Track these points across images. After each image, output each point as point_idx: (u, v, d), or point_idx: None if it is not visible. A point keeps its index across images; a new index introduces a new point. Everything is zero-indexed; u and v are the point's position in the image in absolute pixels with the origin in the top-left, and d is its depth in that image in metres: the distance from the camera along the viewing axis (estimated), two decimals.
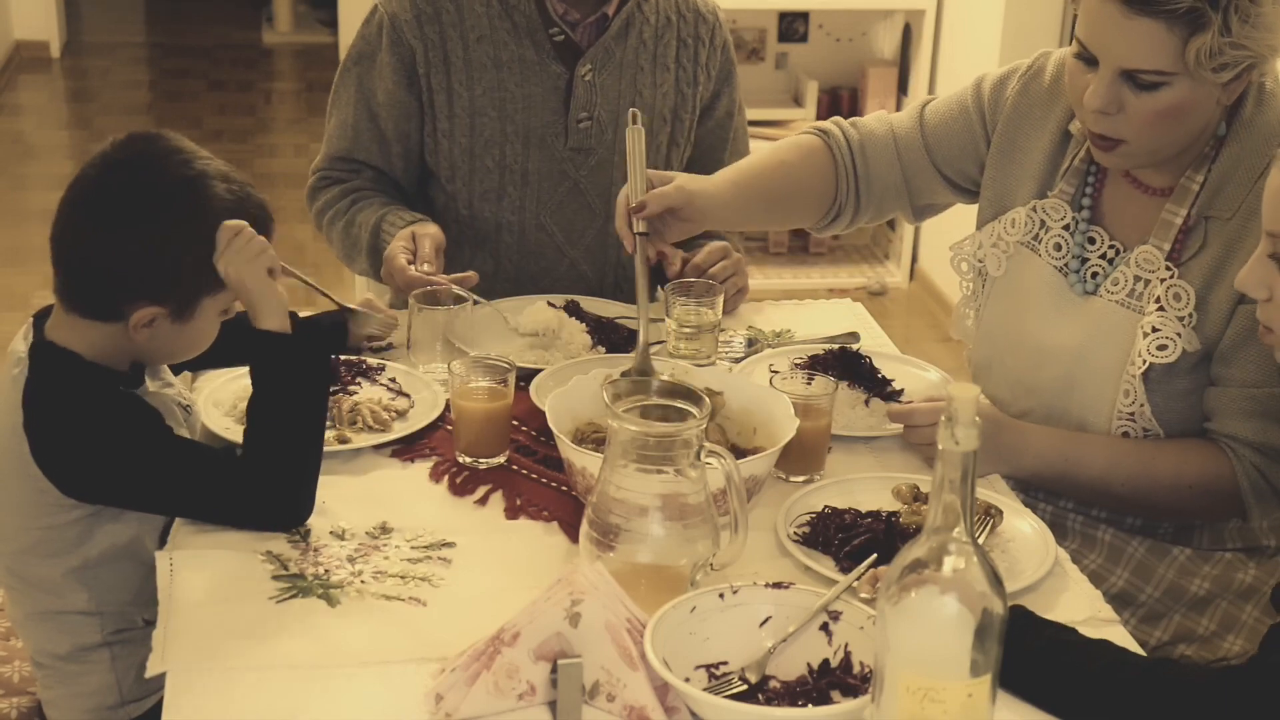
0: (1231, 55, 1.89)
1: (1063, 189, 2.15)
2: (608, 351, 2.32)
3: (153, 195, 1.85)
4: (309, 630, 1.70)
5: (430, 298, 2.28)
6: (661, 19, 2.59)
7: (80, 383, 1.87)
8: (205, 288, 1.88)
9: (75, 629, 1.95)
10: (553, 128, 2.55)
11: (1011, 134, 2.22)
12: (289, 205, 5.53)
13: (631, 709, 1.54)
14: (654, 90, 2.59)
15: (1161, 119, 1.95)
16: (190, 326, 1.90)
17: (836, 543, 1.85)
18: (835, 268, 5.40)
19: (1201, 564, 2.11)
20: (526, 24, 2.52)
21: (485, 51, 2.52)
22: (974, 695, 1.36)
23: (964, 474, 1.33)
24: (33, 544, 1.91)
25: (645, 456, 1.65)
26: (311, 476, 1.90)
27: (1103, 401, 2.08)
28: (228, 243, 1.87)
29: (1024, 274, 2.18)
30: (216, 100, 7.07)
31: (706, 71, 2.64)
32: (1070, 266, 2.13)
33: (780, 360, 2.32)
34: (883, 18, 5.30)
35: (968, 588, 1.35)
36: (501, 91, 2.53)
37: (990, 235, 2.21)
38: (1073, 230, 2.13)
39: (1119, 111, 1.96)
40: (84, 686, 1.97)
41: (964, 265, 2.27)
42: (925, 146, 2.31)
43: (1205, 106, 1.96)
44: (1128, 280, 2.07)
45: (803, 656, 1.62)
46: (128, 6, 8.63)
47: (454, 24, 2.52)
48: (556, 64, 2.53)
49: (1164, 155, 2.03)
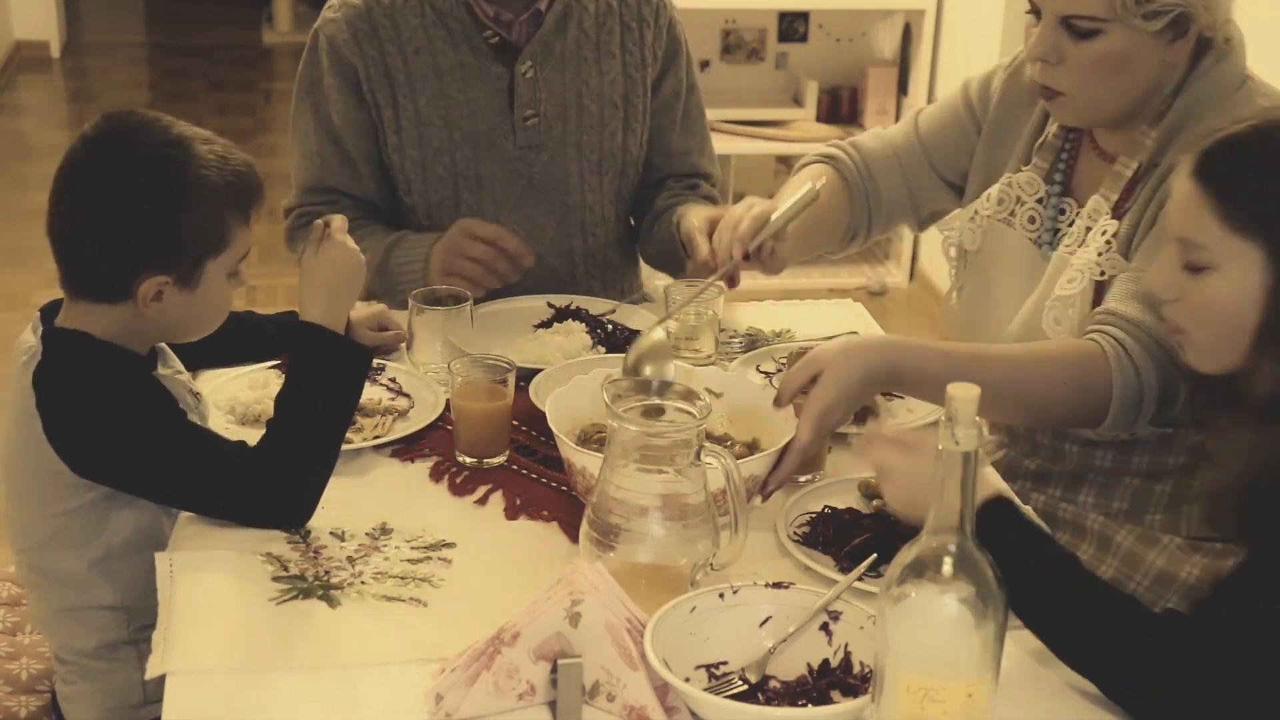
0: (1160, 2, 1.95)
1: (1037, 163, 2.18)
2: (608, 352, 2.32)
3: (138, 163, 1.86)
4: (309, 631, 1.70)
5: (430, 298, 2.28)
6: (602, 6, 2.57)
7: (93, 361, 1.87)
8: (206, 250, 1.87)
9: (102, 625, 1.95)
10: (500, 129, 2.54)
11: (1001, 120, 2.26)
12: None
13: (631, 709, 1.54)
14: (600, 79, 2.57)
15: (1100, 68, 2.00)
16: (199, 294, 1.89)
17: (836, 543, 1.85)
18: (835, 268, 5.40)
19: (1191, 553, 2.12)
20: (461, 29, 2.51)
21: (425, 61, 2.51)
22: (974, 695, 1.36)
23: (964, 474, 1.33)
24: (53, 534, 1.91)
25: (645, 456, 1.66)
26: (324, 476, 1.90)
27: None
28: (320, 237, 1.97)
29: (998, 248, 2.21)
30: (216, 100, 7.07)
31: (654, 53, 2.62)
32: (1043, 238, 2.17)
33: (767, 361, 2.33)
34: (883, 18, 5.30)
35: (968, 588, 1.35)
36: (445, 99, 2.52)
37: (968, 212, 2.25)
38: (1045, 203, 2.16)
39: (1060, 61, 2.02)
40: (108, 684, 1.97)
41: (952, 250, 2.29)
42: (924, 153, 2.34)
43: (1145, 60, 2.00)
44: (1080, 233, 2.10)
45: (803, 656, 1.62)
46: (128, 6, 8.64)
47: (391, 38, 2.51)
48: (496, 65, 2.52)
49: (1108, 109, 2.06)
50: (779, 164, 5.51)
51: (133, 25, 8.36)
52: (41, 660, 2.11)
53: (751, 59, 5.34)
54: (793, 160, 5.60)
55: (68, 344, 1.88)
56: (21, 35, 7.42)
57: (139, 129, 1.89)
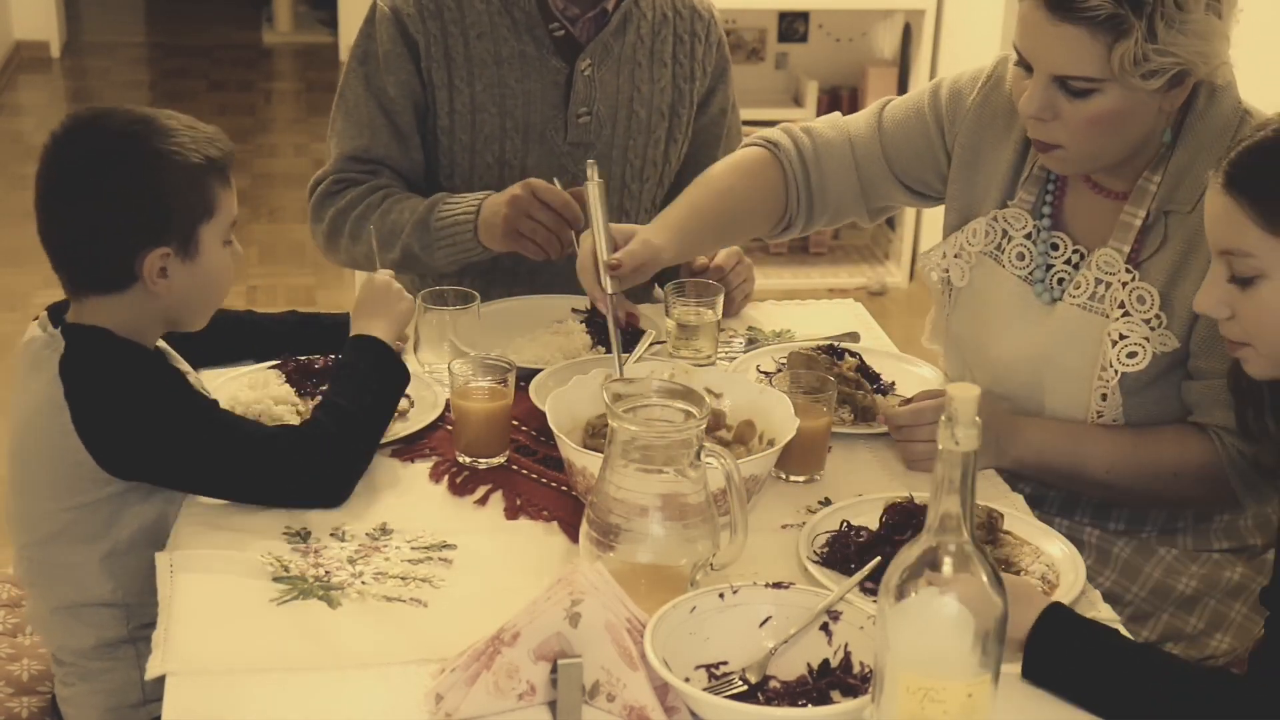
0: (1159, 62, 1.90)
1: (1022, 197, 2.15)
2: (608, 351, 2.32)
3: (108, 147, 1.89)
4: (310, 632, 1.70)
5: (436, 298, 2.28)
6: (658, 15, 2.59)
7: (120, 356, 1.89)
8: (197, 215, 1.91)
9: (100, 623, 1.96)
10: (552, 123, 2.54)
11: (975, 144, 2.21)
12: (289, 205, 5.54)
13: (631, 709, 1.54)
14: (652, 85, 2.59)
15: (1095, 126, 1.96)
16: (201, 264, 1.92)
17: (858, 563, 1.78)
18: (835, 268, 5.40)
19: (1189, 563, 2.12)
20: (526, 20, 2.52)
21: (485, 47, 2.51)
22: (974, 695, 1.36)
23: (964, 474, 1.33)
24: (61, 528, 1.92)
25: (645, 456, 1.66)
26: (361, 463, 1.98)
27: (1074, 407, 2.09)
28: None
29: (988, 285, 2.19)
30: (216, 100, 7.07)
31: (703, 68, 2.64)
32: (1035, 275, 2.14)
33: (766, 360, 2.33)
34: (883, 18, 5.30)
35: (968, 588, 1.35)
36: (502, 87, 2.52)
37: (953, 246, 2.22)
38: (1034, 239, 2.14)
39: (1054, 118, 1.97)
40: (106, 683, 1.97)
41: (933, 275, 2.27)
42: (884, 156, 2.30)
43: (1142, 114, 1.97)
44: (1089, 283, 2.08)
45: (803, 657, 1.62)
46: (128, 6, 8.64)
47: (455, 20, 2.51)
48: (556, 59, 2.53)
49: (1106, 161, 2.03)
50: None
51: (133, 25, 8.36)
52: (42, 661, 2.11)
53: (751, 59, 5.34)
54: None
55: (90, 338, 1.90)
56: (21, 35, 7.42)
57: (101, 118, 1.92)
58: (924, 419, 2.02)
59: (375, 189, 2.53)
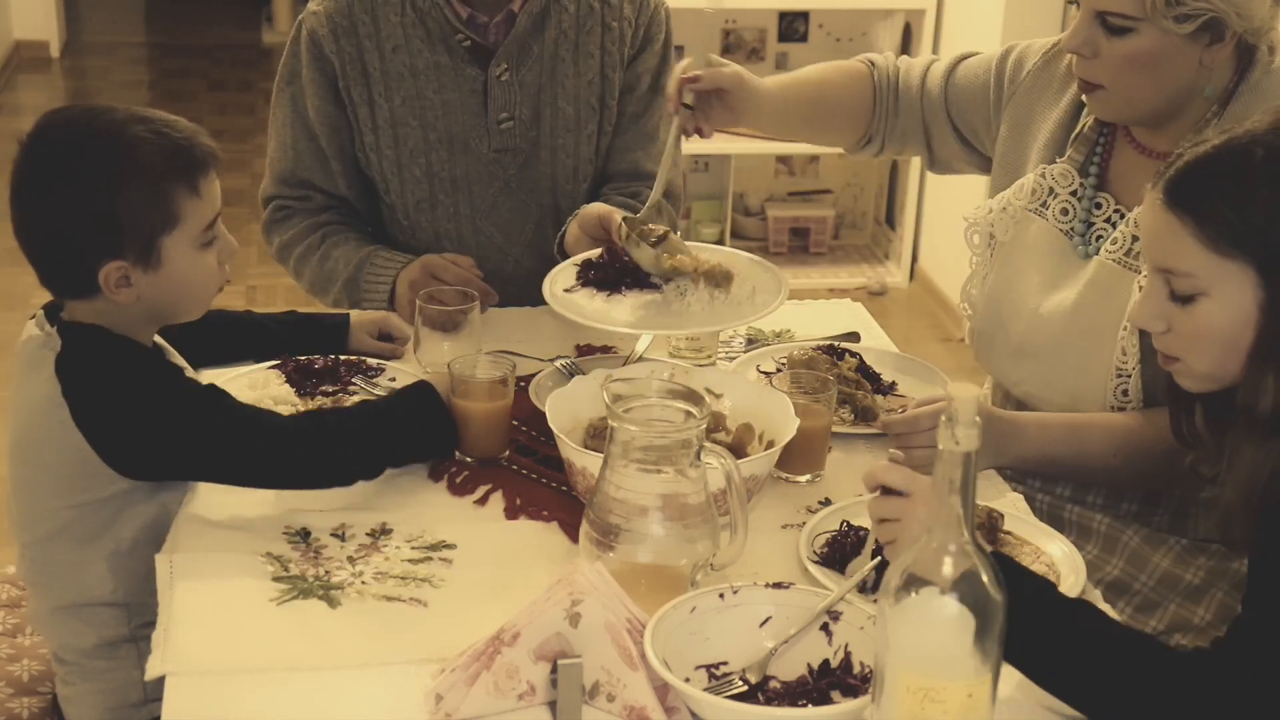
0: (1191, 6, 1.97)
1: (1072, 155, 2.20)
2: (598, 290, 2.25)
3: (65, 155, 1.85)
4: (310, 631, 1.70)
5: (436, 298, 2.28)
6: (583, 7, 2.54)
7: (114, 352, 1.88)
8: (155, 227, 1.85)
9: (102, 622, 1.95)
10: (475, 131, 2.52)
11: (1028, 106, 2.27)
12: None
13: (631, 709, 1.54)
14: (577, 80, 2.54)
15: (1132, 65, 2.02)
16: (167, 273, 1.87)
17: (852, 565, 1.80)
18: (835, 268, 5.40)
19: (1197, 554, 2.12)
20: (439, 30, 2.49)
21: (401, 61, 2.49)
22: (974, 695, 1.36)
23: (964, 474, 1.33)
24: (63, 526, 1.91)
25: (645, 456, 1.65)
26: (363, 467, 1.96)
27: (1098, 361, 2.09)
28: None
29: (1029, 237, 2.22)
30: (216, 100, 7.07)
31: (632, 45, 2.58)
32: (1075, 230, 2.17)
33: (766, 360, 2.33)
34: (883, 18, 5.30)
35: (968, 588, 1.35)
36: (420, 100, 2.50)
37: (1000, 202, 2.26)
38: (1080, 196, 2.18)
39: (1095, 55, 2.05)
40: (107, 683, 1.97)
41: (975, 237, 2.29)
42: (945, 99, 2.37)
43: (1179, 62, 2.02)
44: (1125, 240, 2.10)
45: (803, 657, 1.62)
46: (128, 6, 8.63)
47: (370, 35, 2.49)
48: (471, 67, 2.50)
49: (1144, 108, 2.08)
50: (779, 164, 5.51)
51: (132, 25, 8.36)
52: (42, 661, 2.11)
53: (751, 59, 5.34)
54: (793, 160, 5.63)
55: (86, 336, 1.89)
56: (21, 35, 7.42)
57: (68, 123, 1.89)
58: (920, 426, 2.02)
59: (316, 227, 2.56)
